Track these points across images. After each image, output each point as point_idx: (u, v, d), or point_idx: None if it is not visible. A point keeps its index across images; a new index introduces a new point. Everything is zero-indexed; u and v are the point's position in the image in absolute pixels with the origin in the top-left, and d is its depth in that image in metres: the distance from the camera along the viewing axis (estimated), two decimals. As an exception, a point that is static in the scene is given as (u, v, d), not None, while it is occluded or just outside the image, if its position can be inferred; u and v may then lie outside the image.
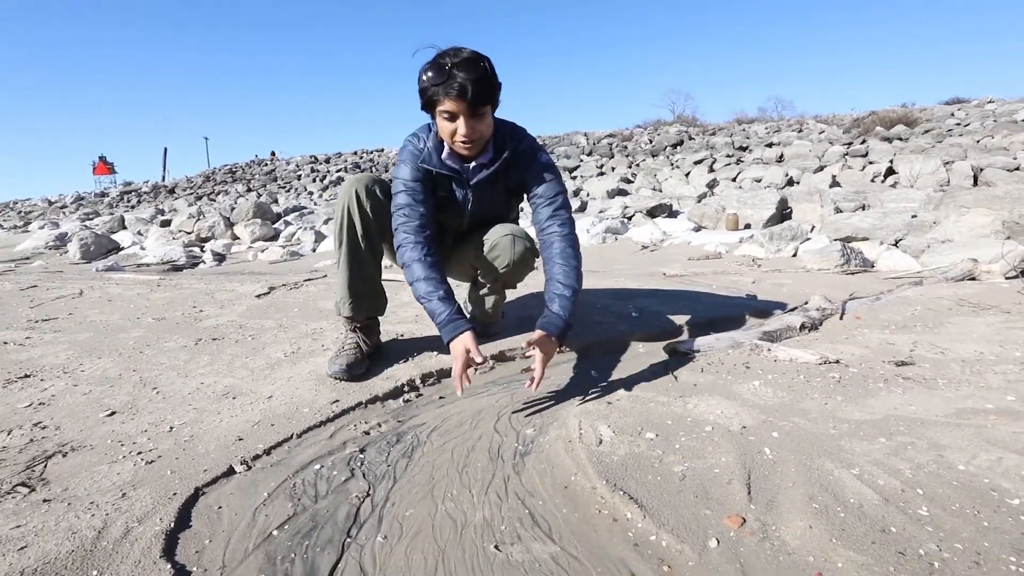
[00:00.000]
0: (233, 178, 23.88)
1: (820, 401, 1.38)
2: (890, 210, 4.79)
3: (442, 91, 1.40)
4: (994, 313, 2.07)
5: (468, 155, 1.57)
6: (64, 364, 1.85)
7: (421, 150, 1.60)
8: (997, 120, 13.40)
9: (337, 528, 0.99)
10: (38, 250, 5.86)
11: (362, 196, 1.61)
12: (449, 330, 1.41)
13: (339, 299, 1.70)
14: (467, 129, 1.45)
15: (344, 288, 1.67)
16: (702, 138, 17.48)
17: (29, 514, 1.01)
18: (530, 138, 1.66)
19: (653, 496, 1.01)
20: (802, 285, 2.80)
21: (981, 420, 1.21)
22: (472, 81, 1.38)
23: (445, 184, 1.64)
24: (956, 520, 0.89)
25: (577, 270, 1.53)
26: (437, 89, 1.40)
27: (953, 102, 19.27)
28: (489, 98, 1.45)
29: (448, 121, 1.46)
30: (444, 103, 1.42)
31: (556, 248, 1.55)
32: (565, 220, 1.58)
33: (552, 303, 1.48)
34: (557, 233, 1.56)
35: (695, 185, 9.19)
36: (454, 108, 1.42)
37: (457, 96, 1.39)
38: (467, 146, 1.51)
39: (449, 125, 1.47)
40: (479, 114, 1.45)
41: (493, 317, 1.97)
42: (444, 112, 1.44)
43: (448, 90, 1.39)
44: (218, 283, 3.37)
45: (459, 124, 1.45)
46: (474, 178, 1.62)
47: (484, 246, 1.71)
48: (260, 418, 1.39)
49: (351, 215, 1.61)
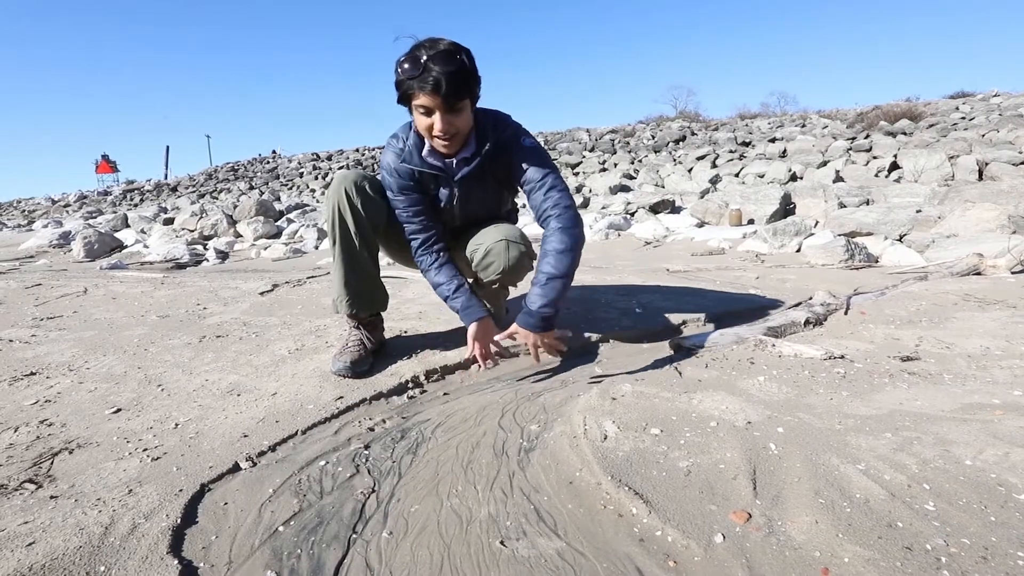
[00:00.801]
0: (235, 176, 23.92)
1: (825, 396, 1.38)
2: (894, 205, 4.77)
3: (417, 85, 1.36)
4: (1000, 308, 2.06)
5: (447, 151, 1.54)
6: (69, 362, 1.85)
7: (402, 150, 1.58)
8: (1003, 114, 13.30)
9: (343, 524, 0.99)
10: (42, 249, 5.88)
11: (352, 193, 1.58)
12: (465, 316, 1.58)
13: (336, 297, 1.69)
14: (443, 124, 1.42)
15: (340, 286, 1.66)
16: (705, 133, 17.41)
17: (37, 510, 1.01)
18: (513, 125, 1.61)
19: (658, 491, 1.01)
20: (806, 280, 2.79)
21: (988, 415, 1.21)
22: (448, 75, 1.34)
23: (430, 182, 1.62)
24: (963, 515, 0.89)
25: (563, 254, 1.50)
26: (412, 83, 1.37)
27: (958, 96, 19.14)
28: (467, 92, 1.41)
29: (424, 116, 1.43)
30: (419, 97, 1.38)
31: (548, 234, 1.54)
32: (556, 201, 1.55)
33: (529, 294, 1.53)
34: (552, 215, 1.55)
35: (698, 181, 9.15)
36: (429, 103, 1.38)
37: (432, 91, 1.35)
38: (444, 142, 1.48)
39: (425, 120, 1.44)
40: (456, 109, 1.41)
41: (496, 313, 1.97)
42: (419, 107, 1.41)
43: (423, 84, 1.35)
44: (221, 281, 3.38)
45: (435, 119, 1.42)
46: (458, 174, 1.59)
47: (479, 251, 1.67)
48: (265, 415, 1.40)
49: (342, 213, 1.59)
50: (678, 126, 19.62)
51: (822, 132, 14.54)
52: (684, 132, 17.89)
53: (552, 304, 1.50)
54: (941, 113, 15.29)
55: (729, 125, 19.12)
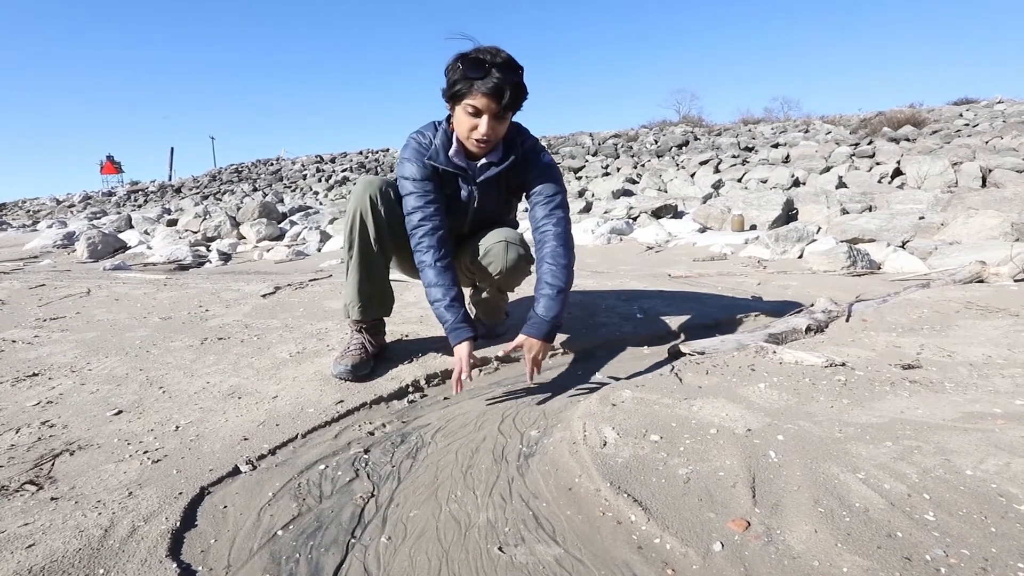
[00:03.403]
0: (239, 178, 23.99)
1: (826, 404, 1.38)
2: (897, 211, 4.76)
3: (477, 86, 1.39)
4: (1003, 316, 2.05)
5: (480, 153, 1.57)
6: (72, 363, 1.86)
7: (427, 147, 1.58)
8: (1007, 120, 13.28)
9: (342, 528, 0.99)
10: (46, 249, 5.91)
11: (376, 200, 1.60)
12: (452, 337, 1.50)
13: (348, 302, 1.69)
14: (488, 129, 1.46)
15: (354, 291, 1.66)
16: (708, 138, 17.42)
17: (37, 512, 1.02)
18: (532, 138, 1.67)
19: (657, 499, 1.01)
20: (808, 287, 2.79)
21: (989, 424, 1.20)
22: (512, 84, 1.40)
23: (451, 182, 1.64)
24: (963, 525, 0.88)
25: (567, 269, 1.54)
26: (471, 83, 1.40)
27: (962, 102, 19.10)
28: (518, 104, 1.47)
29: (471, 116, 1.45)
30: (474, 97, 1.41)
31: (547, 248, 1.56)
32: (560, 219, 1.59)
33: (537, 304, 1.51)
34: (551, 232, 1.57)
35: (700, 186, 9.16)
36: (483, 105, 1.42)
37: (491, 94, 1.39)
38: (482, 145, 1.51)
39: (470, 120, 1.46)
40: (503, 117, 1.47)
41: (496, 318, 1.97)
42: (470, 106, 1.44)
43: (483, 87, 1.39)
44: (224, 283, 3.39)
45: (482, 122, 1.45)
46: (481, 176, 1.62)
47: (479, 251, 1.70)
48: (265, 418, 1.40)
49: (363, 218, 1.60)
50: (681, 131, 19.64)
51: (825, 138, 14.53)
52: (687, 137, 17.90)
53: (561, 315, 1.52)
54: (945, 119, 15.27)
55: (732, 130, 19.12)
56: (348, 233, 1.63)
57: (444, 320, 1.52)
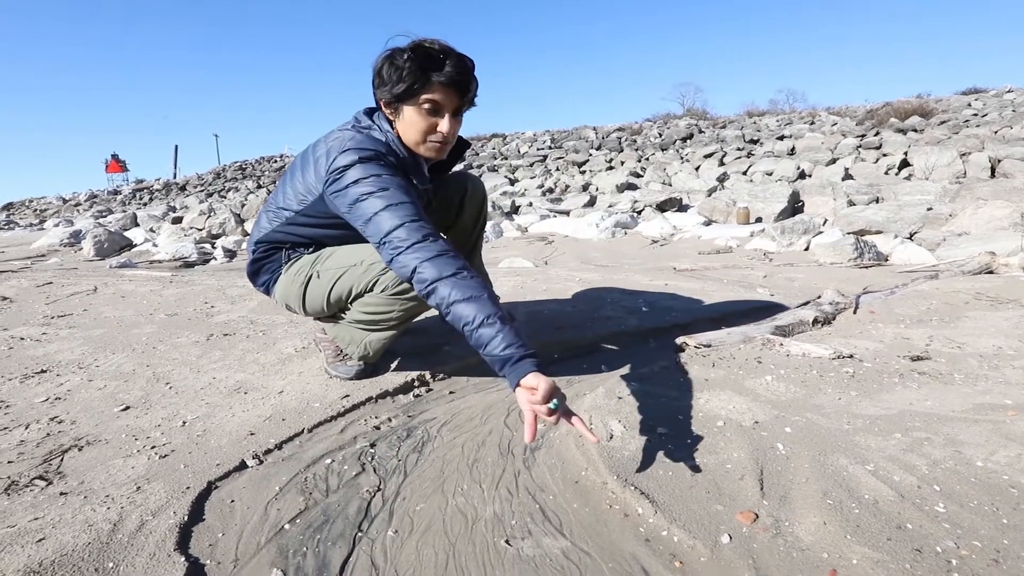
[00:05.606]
0: (243, 175, 24.04)
1: (834, 396, 1.37)
2: (904, 203, 4.72)
3: (435, 79, 1.22)
4: (1013, 307, 2.03)
5: (436, 158, 1.37)
6: (79, 359, 1.87)
7: (383, 142, 1.30)
8: (1016, 110, 13.13)
9: (348, 522, 1.00)
10: (53, 247, 5.94)
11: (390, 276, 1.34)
12: (513, 371, 1.03)
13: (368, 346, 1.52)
14: (451, 126, 1.29)
15: (381, 342, 1.51)
16: (712, 131, 17.30)
17: (47, 507, 1.02)
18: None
19: (664, 491, 1.00)
20: (815, 279, 2.77)
21: (999, 416, 1.19)
22: (472, 75, 1.27)
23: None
24: (974, 517, 0.88)
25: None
26: (427, 76, 1.22)
27: (970, 92, 18.88)
28: (474, 99, 1.33)
29: (428, 115, 1.27)
30: (433, 91, 1.24)
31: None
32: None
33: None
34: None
35: (705, 179, 9.10)
36: (443, 99, 1.25)
37: (451, 86, 1.24)
38: (440, 148, 1.33)
39: (427, 120, 1.27)
40: (461, 114, 1.33)
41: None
42: (428, 102, 1.25)
43: (443, 79, 1.23)
44: (229, 279, 3.40)
45: (443, 120, 1.28)
46: (427, 183, 1.44)
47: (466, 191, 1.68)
48: (271, 413, 1.40)
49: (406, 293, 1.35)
50: (685, 124, 19.51)
51: (831, 129, 14.40)
52: (691, 130, 17.78)
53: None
54: (953, 110, 15.10)
55: (737, 123, 18.99)
56: (398, 308, 1.39)
57: (490, 343, 1.05)
